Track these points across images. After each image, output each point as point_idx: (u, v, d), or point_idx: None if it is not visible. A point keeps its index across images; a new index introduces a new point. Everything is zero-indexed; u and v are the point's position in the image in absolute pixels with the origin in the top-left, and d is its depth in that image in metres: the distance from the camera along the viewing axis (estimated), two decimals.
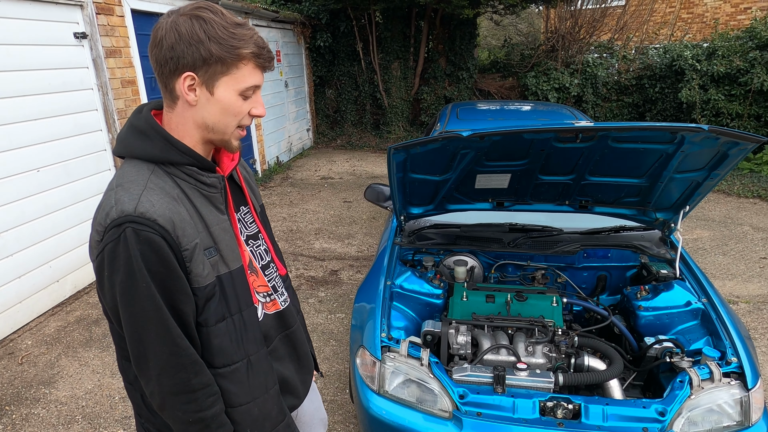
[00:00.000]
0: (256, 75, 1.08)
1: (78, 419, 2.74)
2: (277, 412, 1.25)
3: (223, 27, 1.03)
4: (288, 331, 1.32)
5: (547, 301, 2.44)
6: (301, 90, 9.86)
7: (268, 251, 1.31)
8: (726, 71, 7.43)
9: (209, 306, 1.10)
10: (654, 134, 2.01)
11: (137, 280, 1.00)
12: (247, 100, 1.09)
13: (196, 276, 1.07)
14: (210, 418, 1.11)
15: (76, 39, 4.10)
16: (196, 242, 1.06)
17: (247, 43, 1.05)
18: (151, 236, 0.99)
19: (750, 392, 1.92)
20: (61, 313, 3.87)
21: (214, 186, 1.14)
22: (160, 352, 1.04)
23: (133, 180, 1.05)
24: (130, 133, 1.10)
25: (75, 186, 4.15)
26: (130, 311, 1.02)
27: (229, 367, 1.15)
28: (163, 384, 1.07)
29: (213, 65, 1.03)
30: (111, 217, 1.01)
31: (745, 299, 3.94)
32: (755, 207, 6.16)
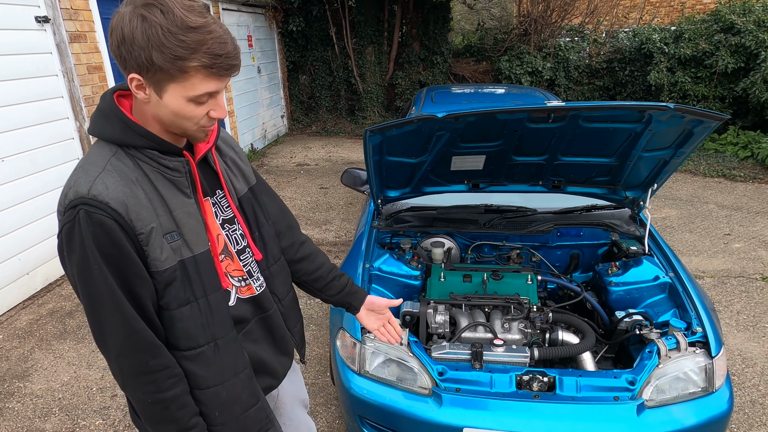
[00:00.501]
0: (210, 83, 1.01)
1: (55, 411, 2.70)
2: (248, 395, 1.25)
3: (170, 33, 0.94)
4: (264, 314, 1.32)
5: (522, 279, 2.50)
6: (274, 76, 9.72)
7: (243, 236, 1.28)
8: (692, 54, 7.62)
9: (170, 290, 1.09)
10: (623, 113, 2.07)
11: (90, 262, 1.00)
12: (202, 104, 1.04)
13: (154, 260, 1.06)
14: (169, 400, 1.10)
15: (38, 23, 3.95)
16: (152, 226, 1.05)
17: (196, 53, 0.96)
18: (102, 219, 0.99)
19: (714, 360, 2.02)
20: (33, 306, 3.78)
21: (177, 170, 1.11)
22: (117, 334, 1.05)
23: (94, 162, 1.05)
24: (97, 114, 1.10)
25: (43, 176, 4.04)
26: (87, 292, 1.03)
27: (195, 350, 1.14)
28: (122, 364, 1.07)
29: (157, 72, 0.97)
30: (68, 198, 1.02)
31: (710, 274, 4.10)
32: (720, 186, 6.38)
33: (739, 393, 2.76)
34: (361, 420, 2.15)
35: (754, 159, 7.02)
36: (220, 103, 1.07)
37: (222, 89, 1.05)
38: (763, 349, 3.12)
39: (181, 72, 0.97)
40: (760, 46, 6.98)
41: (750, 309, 3.57)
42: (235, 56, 1.02)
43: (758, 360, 3.02)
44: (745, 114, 7.82)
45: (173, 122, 1.06)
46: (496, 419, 1.91)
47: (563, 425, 1.88)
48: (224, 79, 1.03)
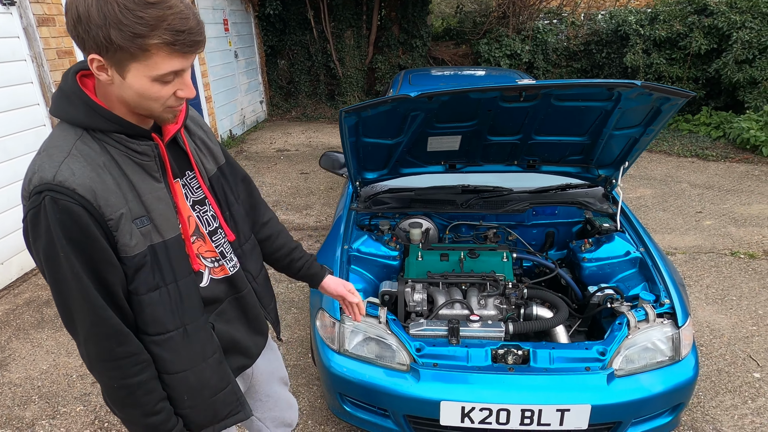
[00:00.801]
0: (174, 61, 0.97)
1: (35, 399, 2.69)
2: (217, 380, 1.25)
3: (127, 9, 0.90)
4: (238, 294, 1.31)
5: (497, 257, 2.55)
6: (252, 60, 9.58)
7: (215, 217, 1.27)
8: (667, 35, 7.72)
9: (139, 275, 1.08)
10: (593, 91, 2.11)
11: (57, 249, 0.99)
12: (168, 84, 1.00)
13: (123, 246, 1.05)
14: (135, 385, 1.10)
15: (3, 6, 3.83)
16: (121, 212, 1.03)
17: (156, 30, 0.92)
18: (69, 205, 0.97)
19: (680, 330, 2.10)
20: (9, 296, 3.73)
21: (146, 154, 1.08)
22: (83, 320, 1.04)
23: (58, 146, 1.01)
24: (59, 95, 1.05)
25: (14, 163, 3.95)
26: (53, 278, 1.02)
27: (163, 335, 1.14)
28: (89, 349, 1.08)
29: (117, 52, 0.94)
30: (33, 184, 0.98)
31: (682, 250, 4.22)
32: (693, 165, 6.53)
33: (707, 362, 2.88)
34: (342, 397, 2.20)
35: (725, 139, 7.18)
36: (186, 82, 1.03)
37: (188, 67, 1.02)
38: (730, 321, 3.24)
39: (142, 50, 0.94)
40: (732, 27, 7.10)
41: (719, 283, 3.69)
42: (198, 32, 0.98)
43: (725, 331, 3.14)
44: (717, 95, 7.98)
45: (139, 104, 1.02)
46: (472, 392, 1.97)
47: (537, 396, 1.95)
48: (189, 57, 1.00)
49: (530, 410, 1.94)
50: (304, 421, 2.53)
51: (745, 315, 3.30)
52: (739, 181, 5.84)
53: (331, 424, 2.50)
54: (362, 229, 2.84)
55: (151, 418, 1.14)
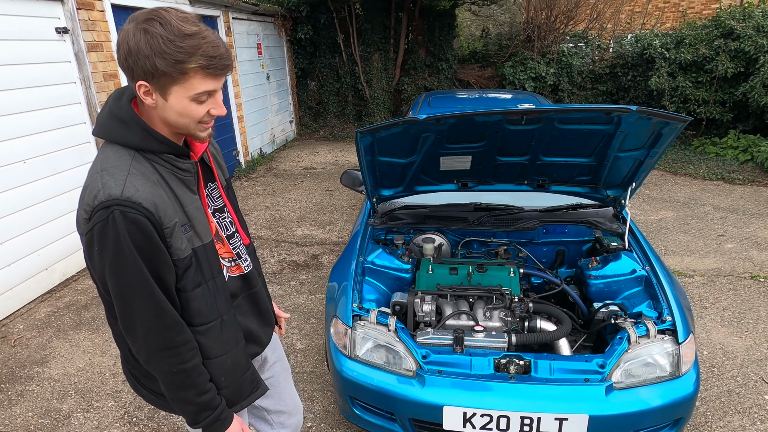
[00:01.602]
0: (208, 82, 1.14)
1: (71, 394, 2.90)
2: (245, 362, 1.45)
3: (169, 41, 1.08)
4: (251, 291, 1.50)
5: (505, 271, 2.66)
6: (283, 82, 9.97)
7: (232, 223, 1.46)
8: (693, 59, 7.71)
9: (187, 275, 1.25)
10: (593, 116, 2.22)
11: (125, 255, 1.13)
12: (203, 103, 1.17)
13: (176, 249, 1.22)
14: (191, 368, 1.27)
15: (58, 34, 4.21)
16: (175, 221, 1.20)
17: (193, 56, 1.09)
18: (137, 217, 1.13)
19: (680, 346, 2.16)
20: (51, 300, 4.01)
21: (189, 171, 1.27)
22: (146, 316, 1.19)
23: (117, 165, 1.16)
24: (111, 119, 1.20)
25: (60, 178, 4.27)
26: (119, 281, 1.16)
27: (206, 325, 1.31)
28: (149, 342, 1.22)
29: (161, 77, 1.11)
30: (99, 200, 1.12)
31: (701, 273, 4.21)
32: (718, 189, 6.46)
33: (717, 383, 2.89)
34: (352, 400, 2.32)
35: (753, 162, 7.09)
36: (218, 101, 1.21)
37: (219, 88, 1.19)
38: (745, 344, 3.23)
39: (182, 74, 1.11)
40: (759, 51, 7.06)
41: (736, 306, 3.68)
42: (227, 57, 1.16)
43: (738, 353, 3.14)
44: (745, 118, 7.89)
45: (178, 122, 1.19)
46: (474, 398, 2.07)
47: (537, 404, 2.03)
48: (220, 78, 1.17)
49: (529, 418, 2.03)
50: (317, 424, 2.66)
51: (760, 338, 3.28)
52: (765, 205, 5.77)
53: (343, 428, 2.63)
54: (378, 243, 2.99)
55: (204, 396, 1.31)
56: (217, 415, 1.34)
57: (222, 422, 1.36)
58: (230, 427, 1.38)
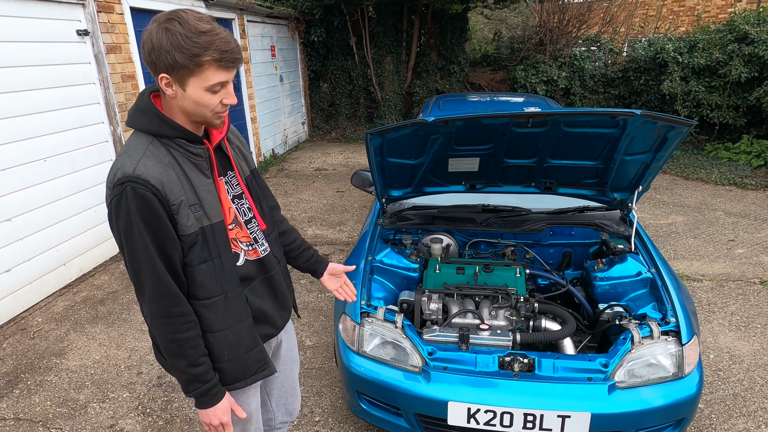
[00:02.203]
0: (221, 74, 1.27)
1: (87, 384, 3.00)
2: (250, 339, 1.52)
3: (186, 37, 1.21)
4: (267, 274, 1.59)
5: (511, 272, 2.70)
6: (296, 84, 10.08)
7: (250, 209, 1.56)
8: (706, 63, 7.68)
9: (193, 250, 1.37)
10: (599, 119, 2.26)
11: (133, 226, 1.27)
12: (216, 93, 1.29)
13: (182, 226, 1.34)
14: (184, 340, 1.37)
15: (79, 36, 4.33)
16: (181, 199, 1.32)
17: (207, 50, 1.23)
18: (145, 193, 1.26)
19: (684, 347, 2.18)
20: (68, 294, 4.12)
21: (200, 155, 1.38)
22: (149, 282, 1.32)
23: (135, 148, 1.32)
24: (136, 111, 1.37)
25: (79, 175, 4.40)
26: (129, 250, 1.30)
27: (209, 299, 1.41)
28: (151, 308, 1.34)
29: (179, 69, 1.24)
30: (117, 177, 1.28)
31: (710, 277, 4.21)
32: (730, 194, 6.43)
33: (723, 387, 2.90)
34: (359, 395, 2.38)
35: (766, 168, 7.03)
36: (230, 92, 1.33)
37: (230, 79, 1.31)
38: (752, 348, 3.24)
39: (198, 66, 1.24)
40: None
41: (744, 311, 3.68)
42: (238, 51, 1.29)
43: (745, 357, 3.14)
44: (759, 123, 7.83)
45: (195, 111, 1.32)
46: (478, 395, 2.12)
47: (540, 401, 2.07)
48: (231, 71, 1.29)
49: (533, 415, 2.07)
50: (325, 419, 2.72)
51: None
52: None
53: (350, 423, 2.68)
54: (387, 242, 3.05)
55: (195, 368, 1.40)
56: (206, 390, 1.43)
57: (210, 397, 1.44)
58: (218, 404, 1.46)
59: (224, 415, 1.48)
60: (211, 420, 1.47)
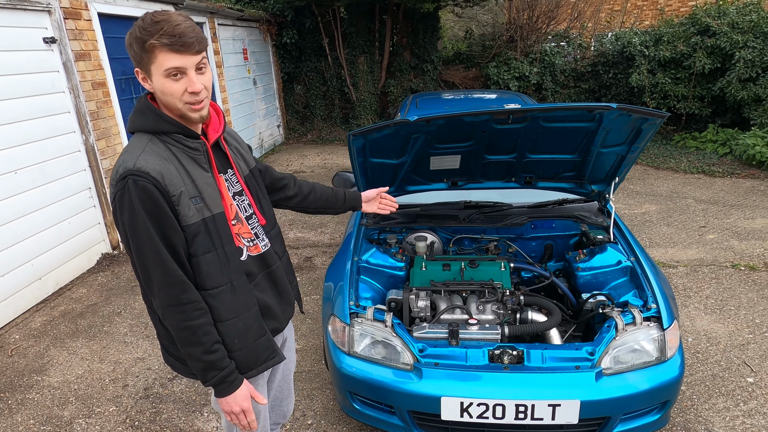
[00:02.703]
0: (173, 58, 1.29)
1: (72, 400, 2.93)
2: (258, 327, 1.55)
3: (141, 28, 1.28)
4: (269, 269, 1.63)
5: (496, 266, 2.74)
6: (269, 87, 10.00)
7: (250, 205, 1.61)
8: (671, 56, 7.91)
9: (196, 240, 1.40)
10: (576, 113, 2.32)
11: (137, 217, 1.32)
12: (179, 80, 1.32)
13: (183, 216, 1.38)
14: (196, 327, 1.39)
15: (46, 44, 4.22)
16: (181, 190, 1.36)
17: (154, 35, 1.26)
18: (146, 185, 1.31)
19: (665, 332, 2.25)
20: (46, 309, 4.01)
21: (197, 149, 1.44)
22: (157, 272, 1.35)
23: (135, 146, 1.38)
24: (135, 113, 1.43)
25: (52, 187, 4.28)
26: (134, 241, 1.34)
27: (216, 289, 1.45)
28: (161, 298, 1.37)
29: (141, 60, 1.31)
30: (119, 173, 1.33)
31: (684, 263, 4.34)
32: (699, 182, 6.64)
33: (702, 368, 3.00)
34: (352, 396, 2.39)
35: (732, 155, 7.29)
36: (192, 79, 1.34)
37: (189, 66, 1.32)
38: (727, 330, 3.36)
39: (150, 52, 1.28)
40: (735, 47, 7.27)
41: (718, 294, 3.81)
42: (189, 34, 1.29)
43: (721, 339, 3.26)
44: (723, 112, 8.10)
45: (167, 101, 1.35)
46: (470, 389, 2.15)
47: (530, 392, 2.12)
48: (185, 54, 1.30)
49: (524, 405, 2.11)
50: (318, 421, 2.72)
51: (742, 324, 3.41)
52: (744, 196, 5.95)
53: (343, 424, 2.69)
54: (371, 242, 3.06)
55: (210, 355, 1.42)
56: (224, 376, 1.45)
57: (229, 384, 1.47)
58: (238, 390, 1.49)
59: (245, 402, 1.50)
60: (231, 407, 1.49)
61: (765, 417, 2.61)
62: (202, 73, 1.36)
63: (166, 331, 1.52)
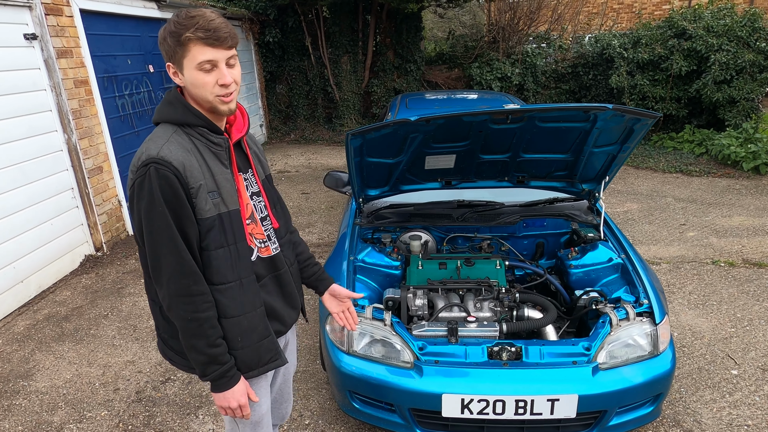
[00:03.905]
0: (206, 51, 1.32)
1: (61, 405, 2.86)
2: (263, 328, 1.54)
3: (176, 22, 1.32)
4: (277, 273, 1.62)
5: (491, 264, 2.78)
6: (252, 86, 9.91)
7: (265, 207, 1.61)
8: (649, 58, 8.10)
9: (210, 235, 1.42)
10: (571, 114, 2.37)
11: (156, 205, 1.33)
12: (210, 73, 1.34)
13: (200, 209, 1.39)
14: (204, 319, 1.40)
15: (27, 40, 4.11)
16: (200, 183, 1.38)
17: (189, 29, 1.30)
18: (167, 173, 1.33)
19: (657, 327, 2.32)
20: (29, 312, 3.91)
21: (220, 145, 1.45)
22: (169, 261, 1.36)
23: (160, 136, 1.40)
24: (163, 104, 1.45)
25: (33, 187, 4.17)
26: (150, 228, 1.35)
27: (225, 285, 1.45)
28: (170, 287, 1.38)
29: (175, 54, 1.34)
30: (141, 160, 1.35)
31: (667, 260, 4.46)
32: (677, 181, 6.82)
33: (688, 362, 3.09)
34: (352, 395, 2.39)
35: (708, 155, 7.50)
36: (223, 72, 1.36)
37: (221, 59, 1.35)
38: (710, 324, 3.46)
39: (184, 46, 1.32)
40: (710, 50, 7.49)
41: (701, 290, 3.92)
42: (223, 29, 1.33)
43: (705, 333, 3.36)
44: (699, 113, 8.34)
45: (197, 95, 1.38)
46: (470, 386, 2.17)
47: (529, 387, 2.15)
48: (218, 48, 1.33)
49: (523, 401, 2.14)
50: (315, 421, 2.71)
51: (724, 318, 3.52)
52: (720, 194, 6.13)
53: (341, 423, 2.69)
54: (366, 242, 3.07)
55: (213, 349, 1.43)
56: (223, 372, 1.45)
57: (228, 380, 1.47)
58: (235, 386, 1.49)
59: (242, 397, 1.50)
60: (229, 403, 1.49)
61: (750, 408, 2.70)
62: (232, 68, 1.39)
63: (167, 323, 1.53)
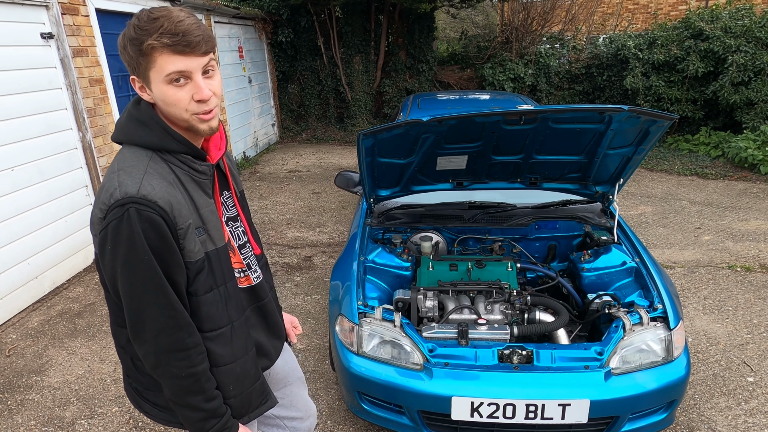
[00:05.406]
0: (175, 60, 1.09)
1: (73, 401, 2.89)
2: (255, 371, 1.39)
3: (137, 27, 1.08)
4: (260, 303, 1.46)
5: (502, 267, 2.75)
6: (264, 85, 9.95)
7: (245, 232, 1.43)
8: (665, 59, 7.99)
9: (199, 278, 1.22)
10: (586, 115, 2.34)
11: (138, 254, 1.11)
12: (183, 87, 1.12)
13: (189, 252, 1.19)
14: (200, 373, 1.23)
15: (43, 39, 4.16)
16: (189, 222, 1.18)
17: (153, 34, 1.06)
18: (152, 216, 1.11)
19: (672, 332, 2.28)
20: (43, 308, 3.96)
21: (205, 173, 1.24)
22: (157, 316, 1.16)
23: (134, 165, 1.15)
24: (130, 122, 1.19)
25: (48, 184, 4.22)
26: (131, 280, 1.13)
27: (216, 331, 1.28)
28: (159, 344, 1.18)
29: (138, 66, 1.10)
30: (115, 198, 1.11)
31: (681, 264, 4.39)
32: (693, 183, 6.72)
33: (703, 368, 3.04)
34: (361, 396, 2.38)
35: (724, 158, 7.39)
36: (198, 85, 1.13)
37: (195, 69, 1.12)
38: (726, 330, 3.40)
39: (148, 55, 1.08)
40: (727, 51, 7.37)
41: (716, 295, 3.86)
42: (194, 32, 1.09)
43: (721, 339, 3.30)
44: (716, 115, 8.21)
45: (170, 112, 1.15)
46: (481, 389, 2.15)
47: (540, 392, 2.13)
48: (190, 56, 1.10)
49: (534, 405, 2.12)
50: (324, 421, 2.71)
51: (740, 324, 3.46)
52: (737, 198, 6.03)
53: (349, 424, 2.68)
54: (376, 242, 3.06)
55: (211, 402, 1.27)
56: (223, 424, 1.30)
57: (228, 430, 1.31)
58: None
59: None
60: None
61: (766, 416, 2.65)
62: (210, 77, 1.16)
63: (140, 374, 1.35)
